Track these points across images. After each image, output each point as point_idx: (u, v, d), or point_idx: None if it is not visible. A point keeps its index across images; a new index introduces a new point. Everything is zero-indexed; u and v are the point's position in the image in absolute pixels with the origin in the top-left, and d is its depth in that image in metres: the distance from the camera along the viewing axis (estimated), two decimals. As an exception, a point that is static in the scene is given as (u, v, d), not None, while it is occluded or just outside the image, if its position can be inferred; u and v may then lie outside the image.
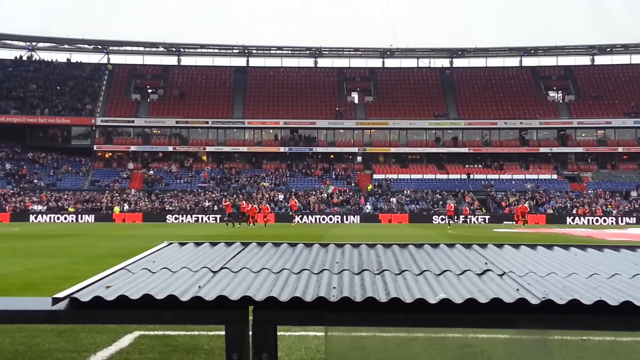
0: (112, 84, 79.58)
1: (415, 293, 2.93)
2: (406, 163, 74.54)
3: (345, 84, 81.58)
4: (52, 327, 7.15)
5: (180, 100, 77.63)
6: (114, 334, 6.93)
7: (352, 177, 72.24)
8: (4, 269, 14.90)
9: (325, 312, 2.84)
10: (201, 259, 3.85)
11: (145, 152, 74.29)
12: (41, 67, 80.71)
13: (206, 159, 75.05)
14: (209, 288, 3.06)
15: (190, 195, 65.83)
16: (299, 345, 6.43)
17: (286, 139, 75.40)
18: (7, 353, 6.25)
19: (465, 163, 74.03)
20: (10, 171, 69.16)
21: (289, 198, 65.80)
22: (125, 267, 3.62)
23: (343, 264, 3.71)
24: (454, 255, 4.00)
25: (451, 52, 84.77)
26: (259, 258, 3.90)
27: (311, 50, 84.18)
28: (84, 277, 3.47)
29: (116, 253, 19.65)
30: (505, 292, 2.91)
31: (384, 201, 65.41)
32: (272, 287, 3.09)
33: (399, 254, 4.09)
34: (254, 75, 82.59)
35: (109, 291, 3.00)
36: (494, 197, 66.52)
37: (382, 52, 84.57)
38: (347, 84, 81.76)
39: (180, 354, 6.24)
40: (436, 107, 77.69)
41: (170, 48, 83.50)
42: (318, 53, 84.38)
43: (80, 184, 68.72)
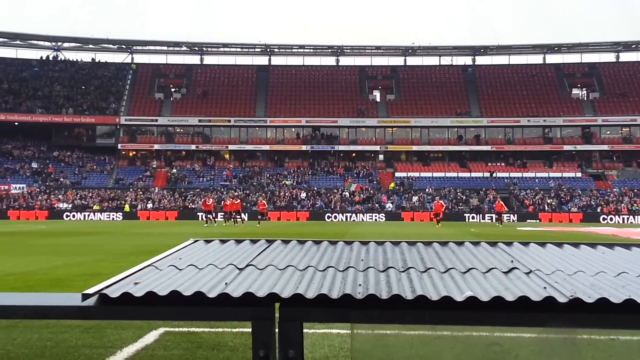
0: (136, 83, 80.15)
1: (442, 291, 2.93)
2: (428, 161, 74.25)
3: (367, 82, 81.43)
4: (78, 324, 7.23)
5: (203, 99, 77.98)
6: (140, 331, 6.99)
7: (373, 175, 72.12)
8: (31, 265, 15.09)
9: (351, 310, 2.85)
10: (227, 256, 3.88)
11: (169, 150, 74.75)
12: (66, 67, 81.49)
13: (228, 158, 75.33)
14: (235, 285, 3.08)
15: (213, 194, 66.08)
16: (323, 343, 6.44)
17: (308, 137, 75.43)
18: (35, 349, 6.33)
19: (488, 161, 73.56)
20: (36, 170, 69.97)
21: (311, 196, 65.86)
22: (153, 264, 3.66)
23: (368, 261, 3.71)
24: (480, 253, 3.99)
25: (473, 49, 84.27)
26: (284, 255, 3.91)
27: (333, 49, 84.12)
28: (109, 274, 3.51)
29: (140, 250, 19.82)
30: (532, 290, 2.90)
31: (406, 199, 65.22)
32: (298, 284, 3.11)
33: (424, 251, 4.09)
34: (276, 74, 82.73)
35: (137, 287, 3.04)
36: (517, 196, 66.05)
37: (404, 50, 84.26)
38: (368, 82, 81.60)
39: (205, 350, 6.28)
40: (458, 105, 77.29)
41: (193, 47, 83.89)
42: (340, 51, 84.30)
43: (105, 182, 69.32)
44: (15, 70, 78.97)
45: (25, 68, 79.93)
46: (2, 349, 6.28)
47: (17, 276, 12.89)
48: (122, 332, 6.97)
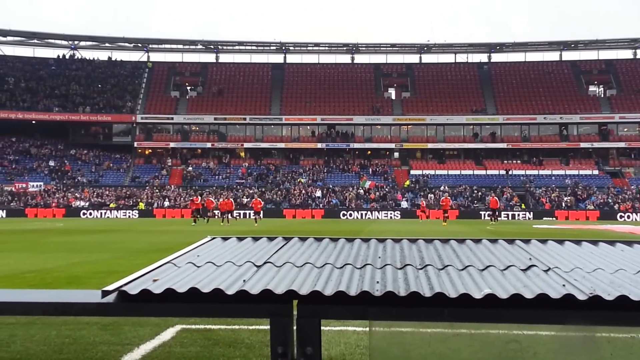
0: (152, 81, 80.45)
1: (460, 288, 2.92)
2: (443, 159, 74.01)
3: (382, 80, 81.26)
4: (96, 320, 7.28)
5: (219, 97, 78.15)
6: (157, 328, 7.03)
7: (389, 173, 71.98)
8: (49, 263, 15.21)
9: (369, 307, 2.84)
10: (244, 254, 3.89)
11: (184, 148, 75.00)
12: (83, 66, 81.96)
13: (244, 155, 75.45)
14: (253, 282, 3.09)
15: (229, 192, 66.26)
16: (338, 340, 6.44)
17: (323, 135, 75.41)
18: (53, 345, 6.37)
19: (504, 159, 73.19)
20: (54, 168, 70.47)
21: (326, 194, 65.85)
22: (171, 261, 3.68)
23: (385, 258, 3.71)
24: (497, 250, 3.98)
25: (489, 46, 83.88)
26: (302, 253, 3.92)
27: (348, 47, 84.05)
28: (126, 272, 3.52)
29: (156, 248, 19.91)
30: (551, 287, 2.88)
31: (421, 197, 65.06)
32: (316, 281, 3.11)
33: (441, 249, 4.08)
34: (291, 72, 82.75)
35: (156, 284, 3.05)
36: (533, 193, 65.70)
37: (419, 47, 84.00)
38: (384, 79, 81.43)
39: (222, 347, 6.30)
40: (474, 103, 76.96)
41: (208, 45, 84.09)
42: (355, 49, 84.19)
43: (121, 180, 69.68)
44: (33, 69, 79.51)
45: (42, 67, 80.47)
46: (21, 346, 6.33)
47: (35, 273, 12.99)
48: (140, 329, 7.01)
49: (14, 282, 11.49)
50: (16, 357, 5.94)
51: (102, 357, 5.96)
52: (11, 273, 13.07)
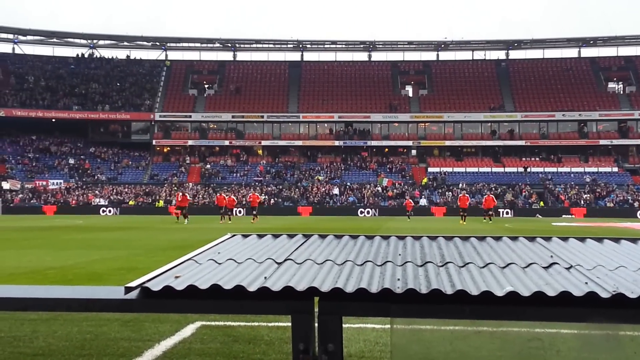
0: (170, 79, 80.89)
1: (481, 285, 2.91)
2: (461, 156, 73.80)
3: (399, 78, 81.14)
4: (117, 317, 7.34)
5: (236, 95, 78.41)
6: (177, 324, 7.07)
7: (406, 170, 71.88)
8: (69, 260, 15.34)
9: (390, 304, 2.85)
10: (265, 251, 3.91)
11: (202, 146, 75.35)
12: (102, 64, 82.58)
13: (262, 153, 75.68)
14: (274, 279, 3.10)
15: (247, 189, 66.49)
16: (358, 338, 6.45)
17: (340, 132, 75.45)
18: (75, 341, 6.43)
19: (522, 156, 72.87)
20: (73, 166, 71.07)
21: (344, 191, 65.83)
22: (192, 258, 3.70)
23: (406, 256, 3.71)
24: (518, 248, 3.97)
25: (507, 43, 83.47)
26: (322, 250, 3.93)
27: (365, 44, 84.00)
28: (145, 269, 3.55)
29: (175, 245, 20.03)
30: (573, 285, 2.87)
31: (439, 194, 64.89)
32: (337, 278, 3.12)
33: (462, 246, 4.07)
34: (308, 70, 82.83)
35: (178, 281, 3.08)
36: (552, 191, 65.31)
37: (437, 44, 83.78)
38: (401, 77, 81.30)
39: (241, 344, 6.32)
40: (492, 100, 76.65)
41: (226, 44, 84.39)
42: (372, 47, 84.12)
43: (140, 178, 70.15)
44: (52, 68, 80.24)
45: (61, 66, 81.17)
46: (43, 342, 6.40)
47: (57, 270, 13.12)
48: (160, 326, 7.05)
49: (36, 279, 11.60)
50: (39, 352, 6.00)
51: (124, 353, 6.01)
52: (33, 269, 13.21)
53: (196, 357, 5.85)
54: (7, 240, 23.19)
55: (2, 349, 6.12)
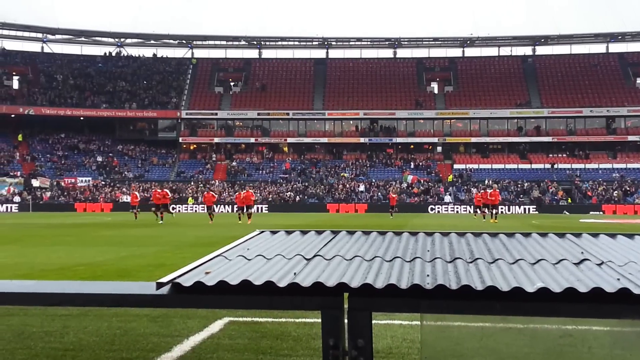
0: (196, 77, 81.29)
1: (512, 282, 2.91)
2: (487, 153, 73.27)
3: (424, 74, 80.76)
4: (146, 313, 7.41)
5: (262, 92, 78.58)
6: (205, 320, 7.13)
7: (432, 167, 71.59)
8: (99, 256, 15.51)
9: (420, 300, 2.85)
10: (293, 247, 3.93)
11: (228, 143, 75.64)
12: (129, 63, 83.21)
13: (287, 150, 75.79)
14: (304, 275, 3.12)
15: (273, 186, 66.71)
16: (385, 334, 6.45)
17: (366, 129, 75.32)
18: (105, 336, 6.51)
19: (549, 152, 72.18)
20: (101, 163, 71.78)
21: (369, 188, 65.73)
22: (222, 254, 3.73)
23: (434, 252, 3.71)
24: (548, 244, 3.95)
25: (533, 39, 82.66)
26: (350, 246, 3.94)
27: (390, 41, 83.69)
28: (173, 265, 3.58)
29: (202, 242, 20.16)
30: (605, 281, 2.85)
31: (465, 191, 64.53)
32: (366, 274, 3.13)
33: (490, 242, 4.06)
34: (333, 67, 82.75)
35: (209, 277, 3.11)
36: (580, 187, 64.61)
37: (462, 41, 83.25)
38: (426, 74, 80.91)
39: (269, 340, 6.36)
40: (518, 96, 76.00)
41: (251, 41, 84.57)
42: (397, 43, 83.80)
43: (167, 175, 70.63)
44: (81, 67, 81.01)
45: (89, 64, 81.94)
46: (74, 337, 6.48)
47: (86, 266, 13.27)
48: (188, 322, 7.11)
49: (66, 275, 11.75)
50: (70, 347, 6.08)
51: (153, 348, 6.07)
52: (63, 266, 13.38)
53: (224, 353, 5.89)
54: (37, 237, 23.51)
55: (34, 344, 6.21)
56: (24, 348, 6.08)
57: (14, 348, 6.08)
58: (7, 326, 6.99)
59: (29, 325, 6.99)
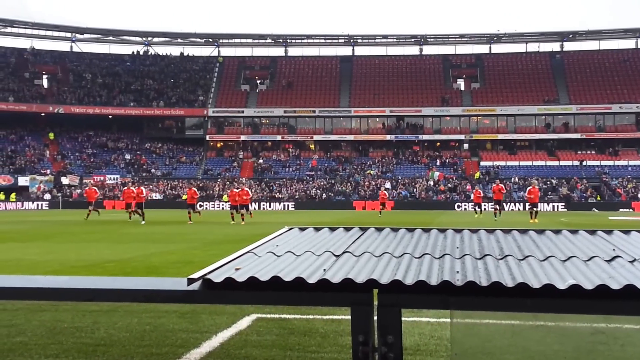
0: (223, 75, 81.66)
1: (542, 279, 2.89)
2: (514, 150, 72.73)
3: (450, 71, 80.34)
4: (175, 309, 7.48)
5: (288, 90, 78.74)
6: (233, 317, 7.16)
7: (458, 164, 71.20)
8: (128, 253, 15.67)
9: (450, 296, 2.84)
10: (322, 244, 3.94)
11: (255, 141, 75.89)
12: (156, 61, 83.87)
13: (313, 148, 75.86)
14: (334, 271, 3.13)
15: (299, 184, 66.81)
16: (412, 331, 6.43)
17: (392, 126, 75.10)
18: (135, 332, 6.58)
19: (577, 149, 71.40)
20: (129, 161, 72.45)
21: (395, 186, 65.53)
22: (251, 250, 3.76)
23: (464, 249, 3.70)
24: (578, 241, 3.92)
25: (561, 35, 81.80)
26: (379, 243, 3.94)
27: (416, 38, 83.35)
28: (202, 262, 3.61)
29: (230, 239, 20.26)
30: (638, 278, 2.82)
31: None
32: (395, 270, 3.13)
33: (520, 239, 4.04)
34: (359, 64, 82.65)
35: (239, 273, 3.13)
36: (609, 185, 63.84)
37: (489, 37, 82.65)
38: (452, 70, 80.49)
39: (297, 336, 6.37)
40: (546, 93, 75.28)
41: (277, 39, 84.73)
42: (423, 40, 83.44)
43: (194, 173, 71.06)
44: (109, 65, 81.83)
45: (117, 63, 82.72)
46: (104, 332, 6.56)
47: (116, 263, 13.41)
48: (217, 318, 7.16)
49: (96, 271, 11.89)
50: (100, 343, 6.15)
51: (182, 344, 6.11)
52: (93, 262, 13.53)
53: (252, 349, 5.92)
54: (68, 234, 23.80)
55: (66, 339, 6.29)
56: (55, 343, 6.16)
57: (45, 343, 6.16)
58: (39, 322, 7.09)
59: (60, 321, 7.08)
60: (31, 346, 6.06)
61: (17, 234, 23.55)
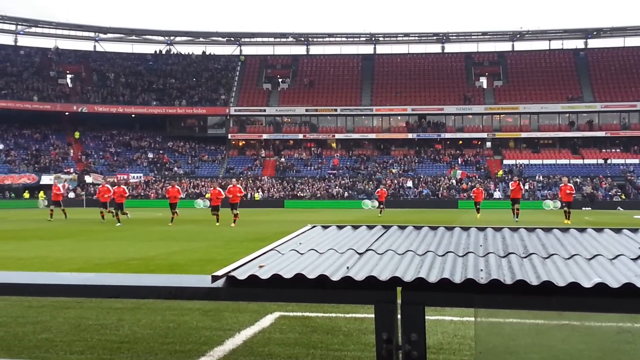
0: (245, 74, 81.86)
1: (568, 277, 2.87)
2: (538, 148, 72.15)
3: (473, 69, 79.86)
4: (198, 306, 7.53)
5: (310, 88, 78.76)
6: (256, 314, 7.20)
7: (481, 162, 70.79)
8: (151, 251, 15.78)
9: (474, 294, 2.83)
10: (345, 241, 3.94)
11: (277, 140, 76.01)
12: (179, 60, 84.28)
13: (335, 146, 75.83)
14: (357, 269, 3.13)
15: (321, 182, 66.82)
16: (435, 330, 6.42)
17: (414, 125, 74.84)
18: (158, 329, 6.63)
19: (602, 147, 70.66)
20: (152, 159, 72.92)
21: (417, 184, 65.33)
22: (275, 248, 3.77)
23: (487, 247, 3.69)
24: (603, 239, 3.88)
25: (585, 32, 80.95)
26: (402, 241, 3.94)
27: (438, 36, 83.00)
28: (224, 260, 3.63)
29: (252, 237, 20.33)
30: (665, 277, 2.80)
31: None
32: (419, 268, 3.12)
33: (544, 237, 4.02)
34: (381, 63, 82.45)
35: (263, 270, 3.14)
36: (634, 183, 63.13)
37: (512, 34, 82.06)
38: (475, 68, 80.00)
39: (320, 334, 6.38)
40: (570, 90, 74.58)
41: (299, 38, 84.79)
42: (445, 38, 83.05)
43: (217, 172, 71.31)
44: (132, 65, 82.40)
45: (140, 62, 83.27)
46: (129, 330, 6.62)
47: (139, 261, 13.52)
48: (240, 316, 7.19)
49: (120, 269, 11.99)
50: (124, 340, 6.21)
51: (206, 341, 6.15)
52: (117, 260, 13.65)
53: (275, 347, 5.94)
54: (92, 232, 24.03)
55: (90, 336, 6.36)
56: (80, 340, 6.23)
57: (70, 340, 6.23)
58: (63, 319, 7.17)
59: (85, 318, 7.16)
60: (56, 343, 6.13)
61: (42, 232, 23.83)
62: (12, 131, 72.72)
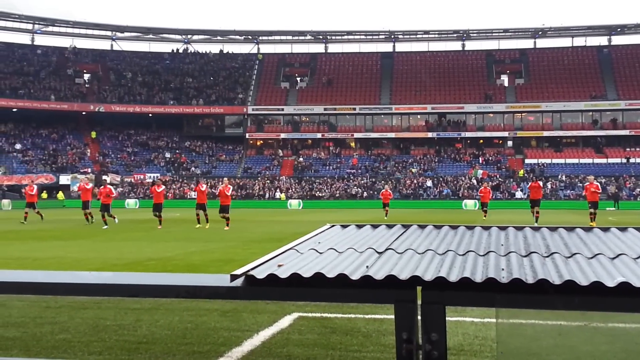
0: (262, 73, 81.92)
1: (591, 276, 2.82)
2: (560, 147, 71.57)
3: (494, 67, 79.38)
4: (216, 307, 7.53)
5: (328, 87, 78.68)
6: (274, 315, 7.18)
7: (502, 162, 70.37)
8: (168, 251, 15.83)
9: (495, 294, 2.79)
10: (364, 241, 3.91)
11: (295, 139, 76.01)
12: (196, 59, 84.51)
13: (354, 145, 75.72)
14: (376, 268, 3.10)
15: (340, 182, 66.74)
16: (456, 331, 6.37)
17: (434, 124, 74.53)
18: (176, 330, 6.64)
19: (626, 146, 69.94)
20: (169, 159, 73.18)
21: (437, 184, 65.05)
22: (294, 247, 3.75)
23: (508, 246, 3.65)
24: (627, 238, 3.82)
25: (609, 29, 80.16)
26: (422, 240, 3.90)
27: (458, 33, 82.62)
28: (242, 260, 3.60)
29: (270, 238, 20.34)
30: (691, 277, 2.74)
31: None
32: (439, 267, 3.09)
33: (567, 237, 3.97)
34: (400, 61, 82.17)
35: (282, 269, 3.12)
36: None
37: (534, 32, 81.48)
38: (496, 66, 79.52)
39: (339, 335, 6.36)
40: (593, 88, 73.91)
41: (317, 36, 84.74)
42: (465, 35, 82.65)
43: (234, 171, 71.42)
44: (149, 64, 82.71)
45: (157, 61, 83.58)
46: (147, 330, 6.63)
47: (156, 261, 13.57)
48: (258, 317, 7.18)
49: (137, 269, 12.04)
50: (142, 340, 6.22)
51: (224, 342, 6.15)
52: (134, 260, 13.71)
53: (294, 348, 5.93)
54: (108, 232, 24.17)
55: (108, 337, 6.38)
56: (98, 340, 6.25)
57: (88, 340, 6.26)
58: (81, 319, 7.20)
59: (103, 319, 7.18)
60: (74, 343, 6.15)
61: (59, 232, 24.01)
62: (29, 131, 73.18)
